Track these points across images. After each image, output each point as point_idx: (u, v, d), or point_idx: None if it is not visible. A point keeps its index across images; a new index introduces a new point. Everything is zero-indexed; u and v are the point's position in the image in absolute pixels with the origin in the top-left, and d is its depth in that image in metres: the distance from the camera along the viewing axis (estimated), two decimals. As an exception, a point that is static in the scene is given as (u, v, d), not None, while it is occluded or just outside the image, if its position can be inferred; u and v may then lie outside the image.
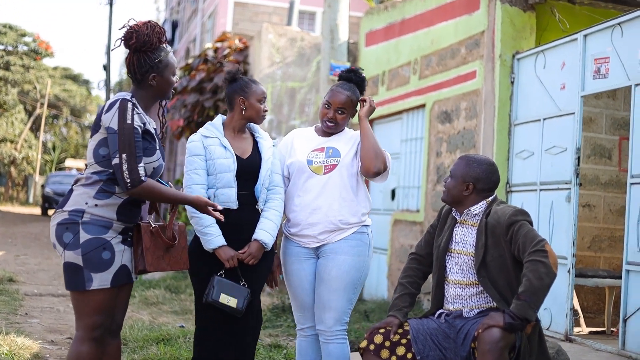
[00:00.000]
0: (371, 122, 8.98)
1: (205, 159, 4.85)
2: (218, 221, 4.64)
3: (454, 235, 4.66)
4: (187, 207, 4.64)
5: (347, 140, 5.05)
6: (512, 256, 4.42)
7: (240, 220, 4.85)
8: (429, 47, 10.16)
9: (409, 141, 10.85)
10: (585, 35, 7.30)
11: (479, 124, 8.87)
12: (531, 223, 4.47)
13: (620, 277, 7.76)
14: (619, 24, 6.87)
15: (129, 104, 4.19)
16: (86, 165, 4.36)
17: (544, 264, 4.21)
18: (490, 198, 4.63)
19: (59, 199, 35.68)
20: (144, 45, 4.32)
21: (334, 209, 4.93)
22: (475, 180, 4.58)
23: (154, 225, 4.38)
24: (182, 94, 15.24)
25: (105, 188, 4.22)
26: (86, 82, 60.65)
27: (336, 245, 4.95)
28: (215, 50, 15.13)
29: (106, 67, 36.69)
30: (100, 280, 4.20)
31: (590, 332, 8.03)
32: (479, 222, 4.56)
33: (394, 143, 11.03)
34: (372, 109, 5.03)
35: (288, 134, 5.30)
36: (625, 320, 6.44)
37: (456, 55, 9.46)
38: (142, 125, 4.22)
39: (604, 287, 8.07)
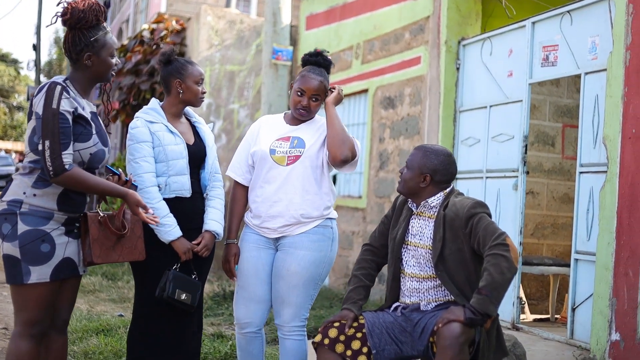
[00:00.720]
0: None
1: (153, 145, 4.61)
2: (171, 210, 4.51)
3: (410, 227, 4.54)
4: (141, 195, 4.42)
5: (315, 130, 4.84)
6: (471, 249, 4.33)
7: (193, 210, 4.69)
8: (371, 31, 10.06)
9: (351, 126, 10.75)
10: (533, 23, 7.26)
11: (423, 110, 8.80)
12: (490, 215, 4.39)
13: (564, 265, 7.80)
14: (568, 11, 6.83)
15: (58, 88, 3.98)
16: (24, 154, 4.18)
17: (506, 258, 4.13)
18: (448, 189, 4.52)
19: (-13, 181, 34.98)
20: (78, 22, 4.11)
21: (295, 203, 4.72)
22: (432, 172, 4.46)
23: (102, 215, 4.20)
24: (118, 76, 14.94)
25: (43, 176, 4.03)
26: (14, 62, 59.57)
27: (297, 238, 4.74)
28: (152, 31, 14.86)
29: (36, 47, 35.97)
30: (39, 274, 4.02)
31: (534, 320, 8.06)
32: (436, 214, 4.45)
33: (336, 128, 10.93)
34: (340, 98, 4.85)
35: (257, 121, 5.09)
36: (574, 310, 6.43)
37: (400, 41, 9.37)
38: (71, 110, 3.99)
39: (549, 275, 8.08)
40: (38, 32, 35.83)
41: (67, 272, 4.12)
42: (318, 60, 4.90)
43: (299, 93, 4.78)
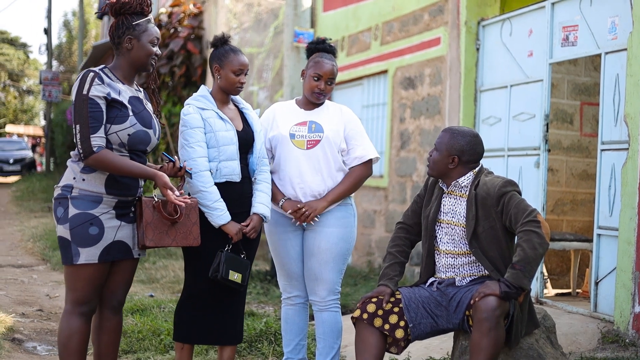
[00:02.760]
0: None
1: (205, 131, 4.73)
2: (221, 194, 4.67)
3: (442, 205, 4.72)
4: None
5: (331, 116, 5.13)
6: (503, 226, 4.51)
7: (242, 193, 4.84)
8: (390, 13, 10.19)
9: (370, 107, 10.91)
10: (553, 3, 7.38)
11: (444, 90, 8.95)
12: (520, 193, 4.56)
13: (585, 241, 7.96)
14: (588, -8, 6.98)
15: (90, 75, 4.19)
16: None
17: (538, 234, 4.31)
18: (477, 169, 4.70)
19: (1, 165, 35.17)
20: (122, 7, 4.31)
21: (317, 182, 5.02)
22: (460, 153, 4.64)
23: (156, 200, 4.38)
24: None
25: None
26: (24, 46, 59.54)
27: (322, 217, 5.05)
28: (169, 15, 14.97)
29: (47, 31, 36.09)
30: (87, 255, 4.22)
31: (556, 294, 8.23)
32: (467, 193, 4.63)
33: (355, 109, 11.06)
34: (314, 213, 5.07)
35: (269, 107, 5.32)
36: (597, 284, 6.60)
37: (419, 22, 9.51)
38: (102, 95, 4.17)
39: (569, 250, 8.25)
40: (49, 16, 35.92)
41: (117, 255, 4.32)
42: (325, 47, 5.19)
43: (315, 78, 5.05)
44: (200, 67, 14.27)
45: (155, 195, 4.42)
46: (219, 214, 4.67)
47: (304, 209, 4.98)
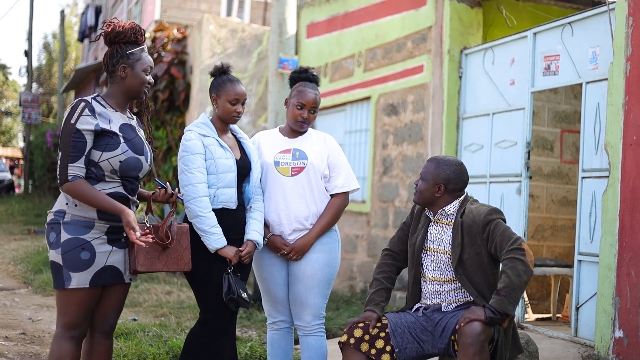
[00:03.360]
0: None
1: (205, 158, 4.81)
2: (217, 220, 4.75)
3: (428, 233, 4.81)
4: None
5: (315, 144, 5.22)
6: (488, 253, 4.60)
7: (237, 221, 4.93)
8: (373, 40, 10.33)
9: (353, 133, 11.02)
10: (535, 33, 7.54)
11: (426, 117, 9.07)
12: (505, 220, 4.66)
13: (565, 266, 8.08)
14: (569, 23, 7.12)
15: (81, 104, 4.26)
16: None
17: (523, 262, 4.41)
18: (462, 197, 4.80)
19: (-20, 188, 34.98)
20: (117, 36, 4.36)
21: (301, 209, 5.10)
22: (446, 182, 4.73)
23: (148, 226, 4.43)
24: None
25: None
26: (3, 67, 59.41)
27: None
28: (153, 39, 15.05)
29: (27, 53, 36.07)
30: (79, 280, 4.25)
31: (536, 319, 8.33)
32: (453, 220, 4.73)
33: (338, 134, 11.17)
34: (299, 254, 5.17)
35: (254, 136, 5.41)
36: (577, 309, 6.71)
37: (402, 49, 9.64)
38: (90, 128, 4.22)
39: (550, 276, 8.36)
40: (30, 38, 35.91)
41: (108, 279, 4.35)
42: (308, 76, 5.29)
43: (298, 107, 5.15)
44: (183, 92, 14.35)
45: (146, 221, 4.47)
46: (216, 238, 4.73)
47: (291, 254, 5.09)
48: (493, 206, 4.71)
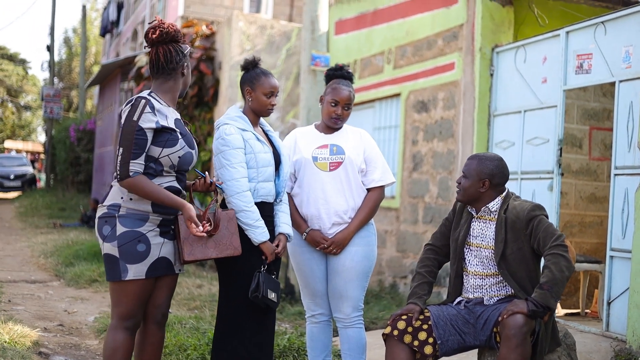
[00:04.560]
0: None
1: (245, 152, 4.84)
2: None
3: (471, 229, 4.92)
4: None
5: (351, 139, 5.33)
6: (531, 249, 4.72)
7: (273, 214, 4.99)
8: (403, 37, 10.44)
9: (382, 129, 11.14)
10: (567, 32, 7.63)
11: (457, 114, 9.19)
12: (547, 217, 4.77)
13: (594, 262, 8.18)
14: (602, 22, 7.21)
15: (142, 102, 4.38)
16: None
17: (565, 257, 4.53)
18: (504, 193, 4.91)
19: (2, 181, 35.25)
20: (176, 36, 4.50)
21: (340, 203, 5.22)
22: (490, 177, 4.84)
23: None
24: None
25: None
26: (23, 62, 59.72)
27: None
28: (182, 36, 15.18)
29: (49, 48, 36.33)
30: (135, 271, 4.39)
31: (565, 314, 8.43)
32: (496, 216, 4.84)
33: (367, 130, 11.21)
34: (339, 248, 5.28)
35: (290, 133, 5.54)
36: (609, 304, 6.81)
37: (433, 47, 9.75)
38: (152, 126, 4.35)
39: (579, 272, 8.46)
40: (52, 33, 36.18)
41: (161, 270, 4.50)
42: (343, 74, 5.41)
43: (332, 104, 5.26)
44: (212, 88, 14.48)
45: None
46: (261, 231, 4.77)
47: (330, 248, 5.21)
48: (536, 202, 4.82)
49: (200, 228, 4.44)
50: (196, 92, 14.51)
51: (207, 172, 4.77)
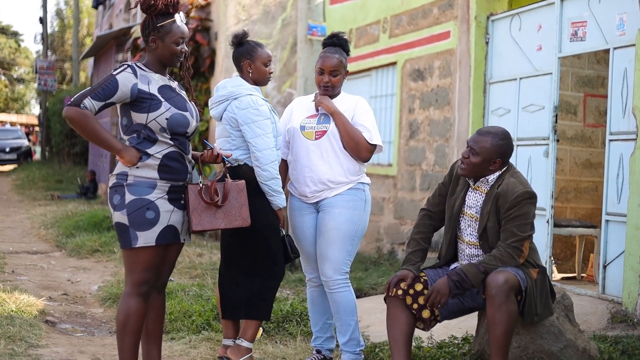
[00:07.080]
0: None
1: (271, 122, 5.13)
2: None
3: (467, 199, 4.93)
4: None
5: (343, 107, 5.37)
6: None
7: None
8: (399, 6, 10.50)
9: (379, 98, 11.24)
10: (562, 0, 7.71)
11: (453, 82, 9.28)
12: (534, 205, 4.76)
13: (590, 227, 8.32)
14: (597, -10, 7.30)
15: (124, 65, 4.50)
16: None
17: (515, 262, 4.65)
18: (505, 167, 4.88)
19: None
20: (149, 8, 4.51)
21: (324, 170, 5.30)
22: (503, 156, 4.81)
23: (200, 186, 4.65)
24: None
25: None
26: (15, 34, 59.46)
27: (332, 200, 5.32)
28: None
29: (43, 20, 36.22)
30: (145, 238, 4.47)
31: (562, 278, 8.58)
32: (489, 189, 4.84)
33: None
34: (321, 104, 5.35)
35: (292, 102, 5.67)
36: (605, 267, 6.94)
37: (428, 16, 9.83)
38: (128, 82, 4.42)
39: (575, 236, 8.60)
40: (45, 5, 36.04)
41: (170, 238, 4.57)
42: (333, 41, 5.47)
43: (319, 72, 5.38)
44: (208, 58, 14.54)
45: (200, 182, 4.65)
46: (283, 197, 5.12)
47: (319, 99, 5.35)
48: (529, 189, 4.74)
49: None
50: (192, 63, 14.56)
51: (215, 144, 4.87)
